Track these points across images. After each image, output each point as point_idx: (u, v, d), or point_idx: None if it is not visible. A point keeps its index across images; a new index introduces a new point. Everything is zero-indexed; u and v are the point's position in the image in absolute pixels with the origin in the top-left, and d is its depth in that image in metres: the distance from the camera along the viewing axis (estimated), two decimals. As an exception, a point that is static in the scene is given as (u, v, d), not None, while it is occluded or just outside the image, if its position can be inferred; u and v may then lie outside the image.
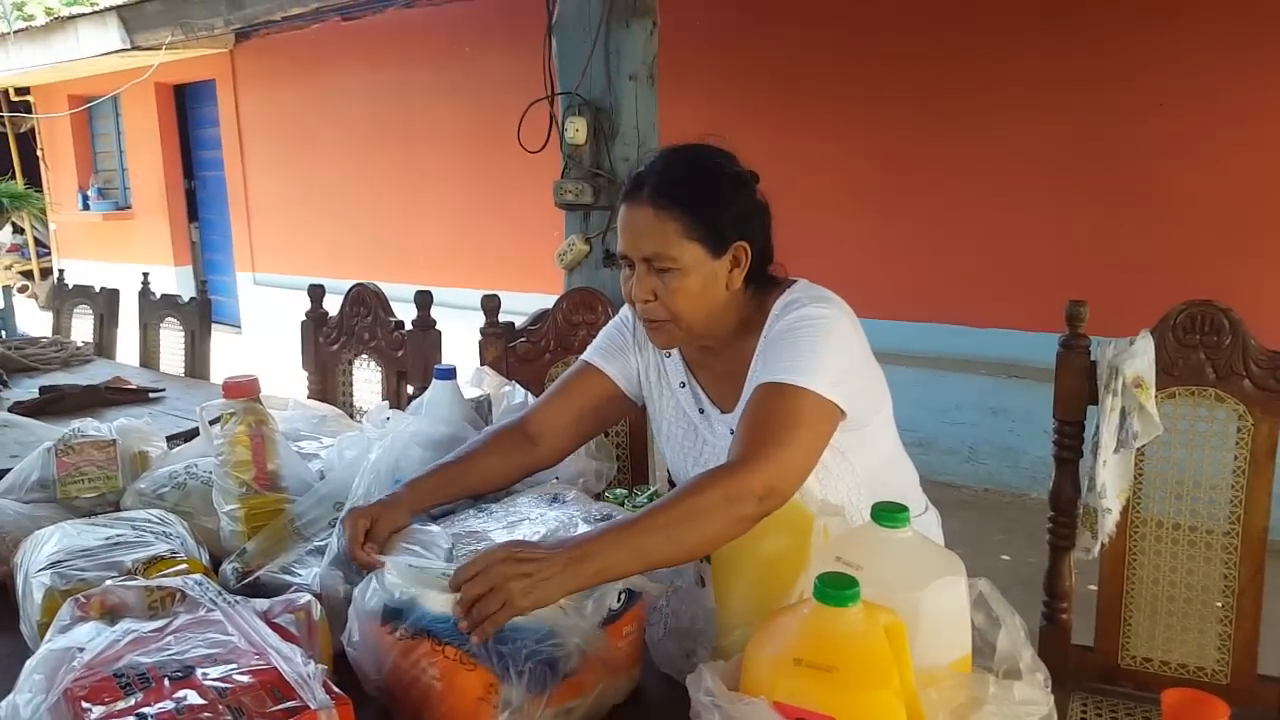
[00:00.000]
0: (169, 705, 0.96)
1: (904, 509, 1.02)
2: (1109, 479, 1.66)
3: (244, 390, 1.49)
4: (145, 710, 0.95)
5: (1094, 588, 1.75)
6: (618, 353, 1.60)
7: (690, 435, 1.56)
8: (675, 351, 1.57)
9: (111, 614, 1.18)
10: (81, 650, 1.05)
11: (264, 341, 7.76)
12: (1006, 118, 4.31)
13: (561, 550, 1.09)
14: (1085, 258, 4.19)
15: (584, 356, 1.62)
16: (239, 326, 8.49)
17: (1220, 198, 3.87)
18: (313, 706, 0.96)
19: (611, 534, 1.13)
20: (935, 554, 1.05)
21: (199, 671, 1.02)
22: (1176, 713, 1.31)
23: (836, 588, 0.88)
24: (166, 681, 1.00)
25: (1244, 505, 1.62)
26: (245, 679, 1.01)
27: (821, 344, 1.33)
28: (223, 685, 0.99)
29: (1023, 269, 4.36)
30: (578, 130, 2.72)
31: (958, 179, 4.50)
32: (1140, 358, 1.63)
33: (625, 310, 1.62)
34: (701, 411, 1.55)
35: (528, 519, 1.26)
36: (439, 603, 1.07)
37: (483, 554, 1.09)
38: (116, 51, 7.12)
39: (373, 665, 1.11)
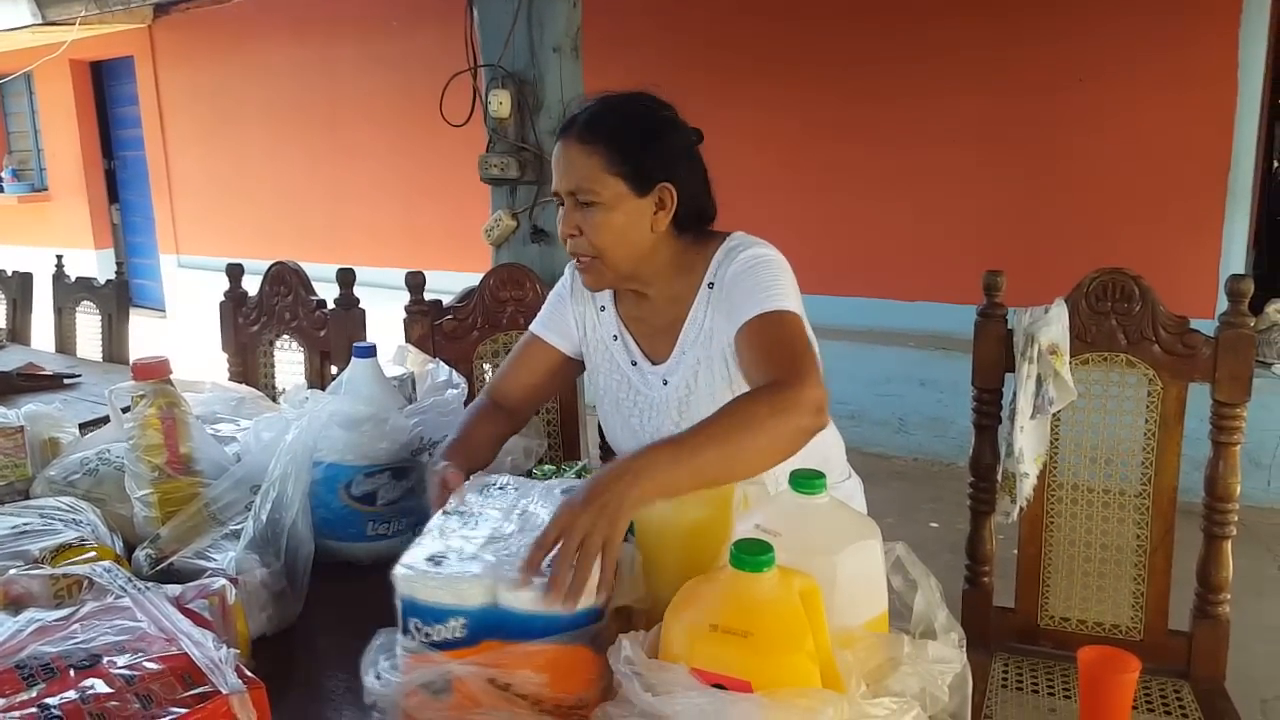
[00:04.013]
0: (73, 695, 0.93)
1: (820, 476, 1.03)
2: (1026, 444, 1.70)
3: (154, 372, 1.45)
4: (48, 701, 0.92)
5: (1016, 552, 1.79)
6: (557, 315, 1.64)
7: (624, 387, 1.58)
8: (609, 305, 1.59)
9: (15, 604, 1.15)
10: None
11: (189, 325, 7.58)
12: (930, 91, 4.36)
13: (617, 479, 1.05)
14: (1007, 230, 4.27)
15: (531, 326, 1.66)
16: (163, 310, 8.27)
17: (1134, 168, 3.97)
18: (224, 691, 0.94)
19: (665, 452, 1.09)
20: (851, 519, 1.06)
21: (106, 660, 0.99)
22: (1092, 668, 1.36)
23: (751, 553, 0.88)
24: (71, 671, 0.97)
25: (1154, 467, 1.67)
26: (154, 666, 0.98)
27: (780, 277, 1.40)
28: (131, 673, 0.97)
29: (948, 243, 4.43)
30: (501, 103, 2.68)
31: (882, 153, 4.55)
32: (1055, 325, 1.67)
33: (566, 270, 1.66)
34: (634, 364, 1.57)
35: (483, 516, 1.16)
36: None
37: (552, 523, 1.02)
38: (27, 26, 6.84)
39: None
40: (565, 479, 1.33)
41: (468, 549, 1.03)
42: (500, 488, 1.23)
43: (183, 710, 0.92)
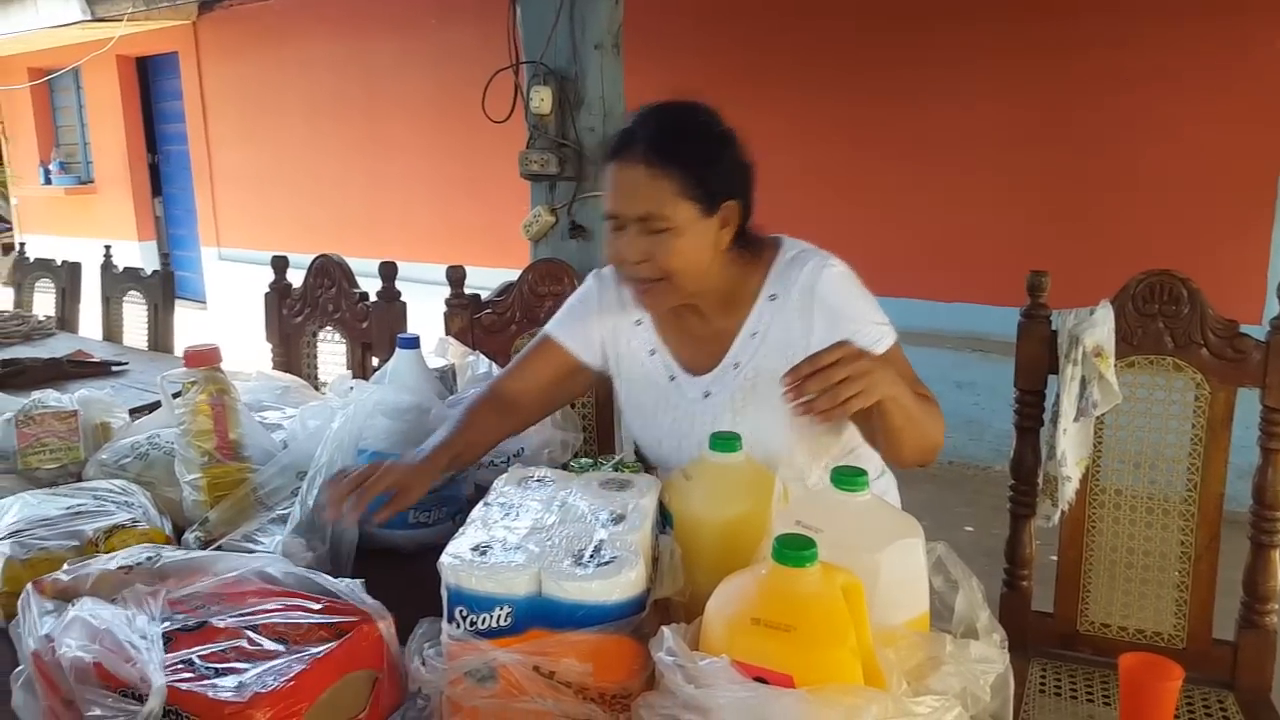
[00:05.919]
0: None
1: (863, 473, 1.02)
2: (1069, 447, 1.68)
3: (205, 359, 1.48)
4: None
5: (1055, 557, 1.77)
6: (578, 324, 1.59)
7: (661, 402, 1.55)
8: (645, 319, 1.55)
9: (62, 596, 1.15)
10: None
11: (229, 317, 7.68)
12: (971, 94, 4.33)
13: (888, 370, 1.20)
14: (1048, 232, 4.22)
15: (545, 328, 1.61)
16: (204, 302, 8.39)
17: (1179, 172, 3.92)
18: (367, 614, 1.00)
19: (902, 385, 1.23)
20: (893, 516, 1.06)
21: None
22: (1133, 675, 1.34)
23: (794, 548, 0.88)
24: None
25: (1201, 473, 1.65)
26: (297, 616, 1.02)
27: (866, 294, 1.47)
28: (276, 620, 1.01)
29: (987, 244, 4.39)
30: (543, 100, 2.70)
31: (923, 154, 4.51)
32: (1100, 327, 1.65)
33: (590, 280, 1.61)
34: (672, 378, 1.54)
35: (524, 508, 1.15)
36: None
37: (838, 348, 1.17)
38: (77, 23, 6.97)
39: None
40: (603, 472, 1.33)
41: (511, 539, 1.04)
42: (539, 480, 1.24)
43: (336, 640, 0.96)
